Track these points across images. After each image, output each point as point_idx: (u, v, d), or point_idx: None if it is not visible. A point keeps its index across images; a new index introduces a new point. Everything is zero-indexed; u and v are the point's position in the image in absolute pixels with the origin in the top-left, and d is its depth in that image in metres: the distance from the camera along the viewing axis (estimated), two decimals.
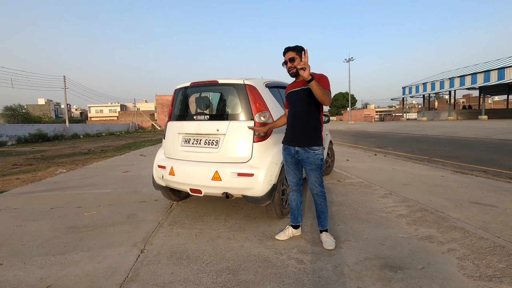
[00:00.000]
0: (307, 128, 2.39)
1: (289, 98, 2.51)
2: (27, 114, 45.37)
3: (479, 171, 5.67)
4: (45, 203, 3.93)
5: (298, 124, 2.41)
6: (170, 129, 3.37)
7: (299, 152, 2.41)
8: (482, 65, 31.57)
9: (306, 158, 2.38)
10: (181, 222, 3.08)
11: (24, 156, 11.03)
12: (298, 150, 2.42)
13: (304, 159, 2.40)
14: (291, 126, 2.48)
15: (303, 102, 2.38)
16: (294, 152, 2.46)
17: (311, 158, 2.37)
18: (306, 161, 2.39)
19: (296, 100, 2.43)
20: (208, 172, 2.85)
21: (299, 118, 2.42)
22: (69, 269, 2.16)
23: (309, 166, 2.39)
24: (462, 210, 3.25)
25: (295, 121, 2.43)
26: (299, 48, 2.39)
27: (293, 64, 2.37)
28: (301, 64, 2.12)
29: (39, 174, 6.43)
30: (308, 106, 2.38)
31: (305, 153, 2.38)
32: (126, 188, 4.70)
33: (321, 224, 2.52)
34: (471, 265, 2.07)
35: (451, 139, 12.65)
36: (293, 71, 2.40)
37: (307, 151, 2.37)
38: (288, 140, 2.50)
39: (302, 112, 2.40)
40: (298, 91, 2.42)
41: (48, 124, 29.87)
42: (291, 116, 2.49)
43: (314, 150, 2.36)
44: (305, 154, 2.38)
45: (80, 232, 2.88)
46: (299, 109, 2.42)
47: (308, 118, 2.40)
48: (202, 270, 2.10)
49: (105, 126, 37.84)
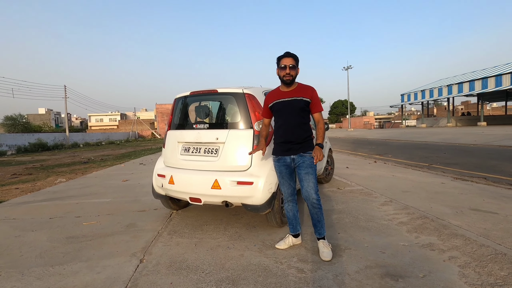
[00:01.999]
0: (303, 137, 2.41)
1: (277, 108, 2.44)
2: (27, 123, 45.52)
3: (479, 177, 5.66)
4: (44, 213, 3.91)
5: (293, 135, 2.40)
6: (170, 138, 3.38)
7: (296, 160, 2.42)
8: (480, 72, 31.85)
9: (301, 162, 2.39)
10: (180, 231, 3.06)
11: (23, 165, 11.01)
12: (294, 158, 2.42)
13: (300, 164, 2.40)
14: (284, 138, 2.43)
15: (297, 114, 2.38)
16: (290, 161, 2.45)
17: (307, 162, 2.38)
18: (302, 165, 2.39)
19: (287, 112, 2.40)
20: (207, 180, 2.86)
21: (293, 129, 2.40)
22: (67, 279, 2.14)
23: (305, 170, 2.37)
24: (462, 217, 3.24)
25: (289, 132, 2.41)
26: (298, 58, 2.41)
27: (291, 72, 2.34)
28: (317, 160, 2.28)
29: (39, 184, 6.42)
30: (302, 117, 2.41)
31: (301, 158, 2.40)
32: (126, 197, 4.69)
33: (318, 232, 2.48)
34: (473, 273, 2.05)
35: (451, 145, 12.66)
36: (289, 79, 2.35)
37: (302, 156, 2.40)
38: (282, 150, 2.46)
39: (296, 123, 2.40)
40: (289, 102, 2.39)
41: (48, 134, 29.94)
42: (282, 128, 2.44)
43: (309, 154, 2.39)
44: (301, 159, 2.40)
45: (79, 242, 2.87)
46: (292, 120, 2.40)
47: (302, 128, 2.41)
48: (201, 280, 2.09)
49: (105, 135, 37.88)
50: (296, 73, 2.38)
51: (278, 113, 2.45)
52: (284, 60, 2.35)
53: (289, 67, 2.33)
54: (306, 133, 2.42)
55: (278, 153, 2.50)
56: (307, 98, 2.38)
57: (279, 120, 2.46)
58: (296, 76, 2.41)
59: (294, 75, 2.36)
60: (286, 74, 2.34)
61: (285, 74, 2.34)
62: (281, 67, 2.35)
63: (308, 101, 2.38)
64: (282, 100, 2.41)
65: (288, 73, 2.33)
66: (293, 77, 2.37)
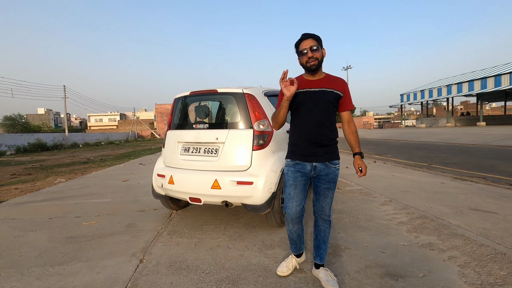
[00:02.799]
0: (330, 139, 1.95)
1: (301, 99, 1.94)
2: (26, 123, 45.45)
3: (478, 177, 5.67)
4: (44, 213, 3.90)
5: (318, 136, 1.92)
6: (170, 138, 3.38)
7: (318, 168, 1.95)
8: (479, 72, 31.90)
9: (325, 175, 1.95)
10: (180, 231, 3.06)
11: (23, 165, 10.99)
12: (317, 166, 1.94)
13: (322, 177, 1.96)
14: (307, 136, 1.94)
15: (326, 109, 1.93)
16: (310, 169, 1.95)
17: (331, 175, 1.95)
18: (325, 178, 1.95)
19: (314, 105, 1.92)
20: (207, 180, 2.85)
21: (320, 128, 1.92)
22: (67, 280, 2.14)
23: (327, 184, 1.96)
24: (462, 217, 3.24)
25: (314, 131, 1.92)
26: (320, 38, 1.94)
27: (315, 55, 1.87)
28: (362, 175, 1.93)
29: (38, 184, 6.41)
30: (332, 113, 1.96)
31: (326, 168, 1.94)
32: (125, 197, 4.68)
33: (319, 256, 2.09)
34: (472, 273, 2.06)
35: (450, 145, 12.68)
36: (314, 63, 1.87)
37: (327, 166, 1.94)
38: (302, 154, 1.96)
39: (324, 120, 1.92)
40: (318, 93, 1.91)
41: (47, 134, 29.88)
42: (306, 126, 1.94)
43: (335, 165, 1.96)
44: (324, 170, 1.94)
45: (79, 242, 2.86)
46: (320, 115, 1.92)
47: (329, 128, 1.95)
48: (201, 280, 2.08)
49: (104, 135, 37.84)
50: (321, 55, 1.90)
51: (301, 106, 1.94)
52: (303, 44, 1.90)
53: (311, 49, 1.87)
54: (333, 135, 1.97)
55: (296, 157, 1.99)
56: (339, 91, 1.93)
57: (302, 115, 1.96)
58: (323, 60, 1.93)
59: (319, 57, 1.89)
60: (310, 59, 1.87)
61: (308, 59, 1.88)
62: (302, 53, 1.90)
63: (339, 95, 1.93)
64: (308, 90, 1.92)
65: (312, 56, 1.87)
66: (319, 61, 1.89)
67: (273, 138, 2.95)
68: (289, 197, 1.99)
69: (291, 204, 1.98)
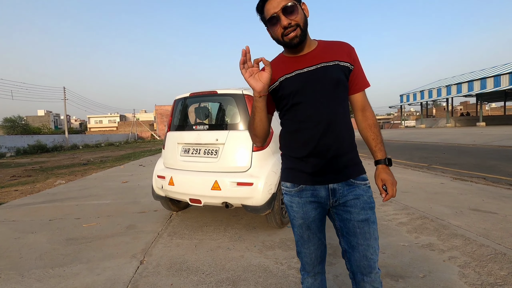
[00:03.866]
0: (349, 142, 1.22)
1: (291, 89, 1.19)
2: (26, 125, 45.45)
3: (478, 177, 5.67)
4: (44, 215, 3.90)
5: (332, 138, 1.17)
6: (170, 139, 3.38)
7: (338, 191, 1.20)
8: (479, 73, 31.93)
9: (354, 199, 1.19)
10: (180, 233, 3.06)
11: (23, 167, 10.99)
12: (336, 189, 1.19)
13: (349, 202, 1.19)
14: (313, 144, 1.17)
15: (337, 93, 1.19)
16: (326, 195, 1.21)
17: (363, 197, 1.19)
18: (355, 205, 1.18)
19: (316, 90, 1.17)
20: (207, 181, 2.86)
21: (333, 125, 1.17)
22: (67, 281, 2.14)
23: (361, 214, 1.18)
24: (462, 217, 3.24)
25: (325, 132, 1.16)
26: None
27: (294, 19, 1.12)
28: (388, 197, 1.21)
29: (38, 186, 6.41)
30: (343, 99, 1.22)
31: (351, 190, 1.19)
32: (125, 199, 4.68)
33: None
34: (473, 273, 2.06)
35: (450, 146, 12.68)
36: (296, 34, 1.13)
37: (353, 185, 1.20)
38: (309, 173, 1.20)
39: (337, 112, 1.19)
40: (317, 72, 1.17)
41: (47, 135, 29.88)
42: (308, 125, 1.18)
43: (364, 181, 1.22)
44: (351, 193, 1.19)
45: (79, 244, 2.86)
46: (328, 107, 1.17)
47: (344, 124, 1.21)
48: (202, 281, 2.09)
49: (104, 137, 37.84)
50: (303, 17, 1.15)
51: (293, 99, 1.19)
52: (269, 6, 1.13)
53: (285, 12, 1.11)
54: (351, 135, 1.24)
55: (299, 180, 1.23)
56: (346, 62, 1.20)
57: (299, 113, 1.20)
58: (307, 23, 1.17)
59: (301, 22, 1.13)
60: (286, 29, 1.13)
61: (283, 31, 1.13)
62: (271, 21, 1.14)
63: (348, 68, 1.21)
64: (299, 72, 1.18)
65: (289, 23, 1.11)
66: (302, 28, 1.14)
67: (273, 139, 2.96)
68: (301, 241, 1.27)
69: (307, 249, 1.27)
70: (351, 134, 1.24)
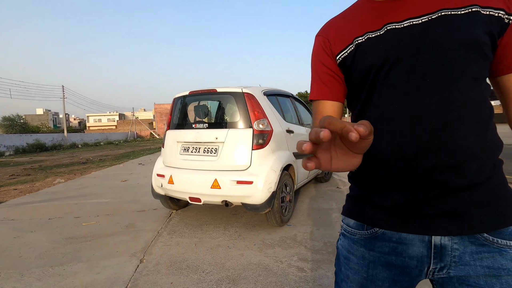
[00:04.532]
0: (486, 158, 0.59)
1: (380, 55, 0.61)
2: (25, 124, 45.39)
3: None
4: (43, 214, 3.90)
5: (448, 149, 0.56)
6: (169, 138, 3.38)
7: (450, 252, 0.59)
8: None
9: (485, 273, 0.57)
10: (180, 231, 3.06)
11: (22, 166, 10.97)
12: (446, 247, 0.59)
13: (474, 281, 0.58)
14: (410, 158, 0.58)
15: (466, 68, 0.57)
16: (420, 256, 0.61)
17: (504, 277, 0.56)
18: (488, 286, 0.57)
19: (425, 63, 0.58)
20: (207, 180, 2.86)
21: (451, 127, 0.57)
22: (67, 280, 2.14)
23: None
24: None
25: (435, 137, 0.57)
26: None
27: None
28: None
29: (37, 184, 6.40)
30: (480, 80, 0.59)
31: (482, 255, 0.58)
32: (125, 198, 4.68)
33: None
34: None
35: None
36: None
37: (489, 246, 0.58)
38: (399, 210, 0.62)
39: (463, 104, 0.57)
40: (430, 26, 0.58)
41: (46, 134, 29.83)
42: (403, 119, 0.59)
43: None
44: (480, 260, 0.58)
45: (79, 242, 2.86)
46: (446, 91, 0.57)
47: (484, 125, 0.60)
48: (202, 280, 2.08)
49: (103, 135, 37.79)
50: None
51: (380, 77, 0.62)
52: None
53: None
54: (491, 143, 0.60)
55: (371, 218, 0.66)
56: (496, 8, 0.55)
57: (384, 103, 0.62)
58: None
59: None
60: None
61: None
62: None
63: (500, 18, 0.55)
64: (394, 26, 0.61)
65: None
66: None
67: (273, 137, 2.96)
68: None
69: None
70: (492, 142, 0.61)
